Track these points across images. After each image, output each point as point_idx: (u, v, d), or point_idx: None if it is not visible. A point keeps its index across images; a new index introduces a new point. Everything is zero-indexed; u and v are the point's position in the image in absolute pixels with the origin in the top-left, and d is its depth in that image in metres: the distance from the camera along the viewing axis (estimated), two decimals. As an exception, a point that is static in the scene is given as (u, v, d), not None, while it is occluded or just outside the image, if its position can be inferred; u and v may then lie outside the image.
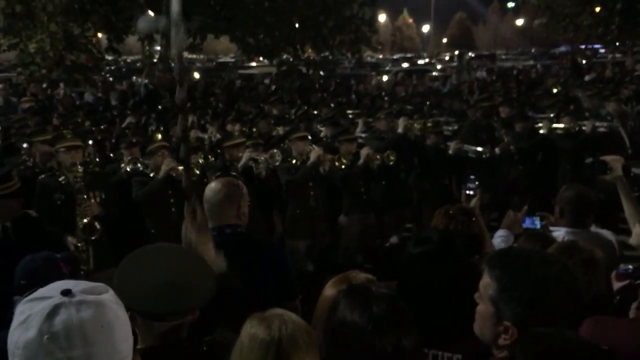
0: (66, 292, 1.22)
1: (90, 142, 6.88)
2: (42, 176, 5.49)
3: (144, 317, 1.88)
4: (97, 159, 6.69)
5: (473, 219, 3.03)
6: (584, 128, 7.65)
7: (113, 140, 7.76)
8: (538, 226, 3.58)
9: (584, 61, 22.00)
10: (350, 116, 9.66)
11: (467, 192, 3.75)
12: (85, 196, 5.18)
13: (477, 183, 3.76)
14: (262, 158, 6.13)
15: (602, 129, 7.76)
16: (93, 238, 5.14)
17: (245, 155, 6.07)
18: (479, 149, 7.30)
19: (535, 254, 1.75)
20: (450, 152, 7.29)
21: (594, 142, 7.38)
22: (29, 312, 1.20)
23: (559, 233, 3.41)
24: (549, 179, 7.76)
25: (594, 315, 2.07)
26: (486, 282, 1.76)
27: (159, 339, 1.89)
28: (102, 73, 17.01)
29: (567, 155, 7.66)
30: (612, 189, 3.84)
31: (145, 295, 1.87)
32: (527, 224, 3.59)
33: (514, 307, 1.69)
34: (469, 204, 3.57)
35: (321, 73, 18.51)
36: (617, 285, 2.65)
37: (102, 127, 8.36)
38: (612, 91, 10.21)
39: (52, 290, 1.24)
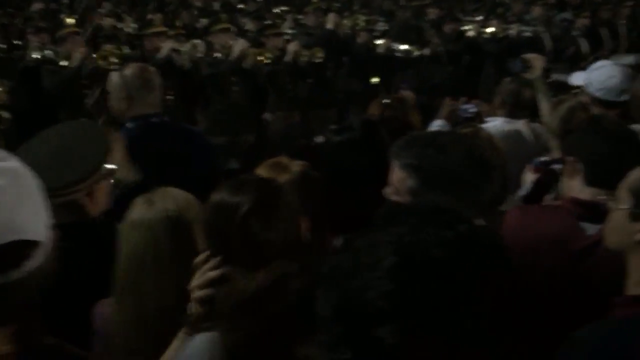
0: None
1: (-6, 26, 6.32)
2: (-61, 61, 5.05)
3: None
4: (3, 45, 6.19)
5: (407, 105, 3.02)
6: (509, 32, 7.72)
7: (20, 27, 7.18)
8: (473, 110, 3.65)
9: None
10: (278, 12, 9.32)
11: (402, 92, 3.82)
12: (-10, 84, 4.82)
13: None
14: (184, 49, 5.84)
15: (526, 34, 7.86)
16: (2, 128, 4.84)
17: (166, 45, 5.75)
18: (406, 47, 7.23)
19: (440, 135, 1.71)
20: (379, 51, 7.19)
21: (517, 46, 7.47)
22: None
23: (495, 123, 3.46)
24: (474, 82, 7.87)
25: None
26: (400, 176, 1.68)
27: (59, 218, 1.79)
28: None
29: (492, 59, 7.75)
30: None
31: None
32: (462, 109, 3.64)
33: (437, 195, 1.63)
34: None
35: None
36: (532, 177, 2.73)
37: (6, 10, 7.68)
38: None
39: None
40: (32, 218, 1.11)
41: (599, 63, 3.32)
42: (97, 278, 1.71)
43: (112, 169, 1.96)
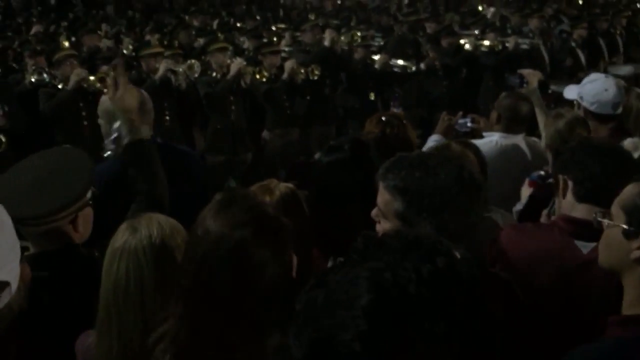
0: None
1: (-9, 50, 6.34)
2: (-64, 86, 5.06)
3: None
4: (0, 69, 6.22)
5: (404, 121, 3.00)
6: (507, 45, 7.72)
7: (18, 50, 7.21)
8: (469, 125, 3.62)
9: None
10: (276, 30, 9.34)
11: (393, 109, 3.80)
12: (-13, 108, 4.83)
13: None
14: (181, 69, 5.84)
15: (524, 46, 7.85)
16: (-1, 152, 4.84)
17: (163, 66, 5.76)
18: (403, 62, 7.23)
19: (428, 157, 1.67)
20: (376, 66, 7.19)
21: (515, 58, 7.47)
22: None
23: (493, 138, 3.44)
24: (472, 95, 7.85)
25: None
26: (387, 199, 1.63)
27: (37, 246, 1.76)
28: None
29: (490, 72, 7.75)
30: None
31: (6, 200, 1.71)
32: (459, 124, 3.62)
33: (424, 218, 1.59)
34: None
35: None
36: (529, 191, 2.70)
37: (4, 34, 7.71)
38: (535, 9, 10.29)
39: None
40: (1, 258, 1.08)
41: (592, 76, 3.27)
42: (81, 307, 1.67)
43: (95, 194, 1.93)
